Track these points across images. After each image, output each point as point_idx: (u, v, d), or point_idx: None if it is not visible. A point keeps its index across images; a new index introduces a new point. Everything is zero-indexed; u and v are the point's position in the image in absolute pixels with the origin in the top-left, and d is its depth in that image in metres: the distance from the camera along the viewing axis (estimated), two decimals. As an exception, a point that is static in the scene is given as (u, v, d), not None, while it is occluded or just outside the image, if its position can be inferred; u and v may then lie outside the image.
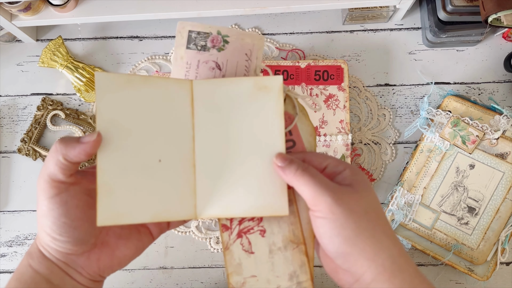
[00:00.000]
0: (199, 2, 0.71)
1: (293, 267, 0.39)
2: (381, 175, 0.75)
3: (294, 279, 0.39)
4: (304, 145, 0.41)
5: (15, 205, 0.76)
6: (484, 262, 0.68)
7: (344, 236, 0.35)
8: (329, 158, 0.39)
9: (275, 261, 0.39)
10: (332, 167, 0.38)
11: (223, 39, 0.41)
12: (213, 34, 0.41)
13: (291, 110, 0.41)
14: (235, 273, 0.39)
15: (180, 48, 0.41)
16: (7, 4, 0.68)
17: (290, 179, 0.37)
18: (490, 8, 0.61)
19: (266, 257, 0.39)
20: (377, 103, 0.77)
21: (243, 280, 0.39)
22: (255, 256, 0.39)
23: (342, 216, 0.35)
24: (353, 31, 0.80)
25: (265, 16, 0.80)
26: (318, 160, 0.39)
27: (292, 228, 0.40)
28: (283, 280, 0.39)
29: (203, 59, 0.41)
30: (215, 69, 0.42)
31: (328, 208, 0.35)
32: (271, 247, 0.39)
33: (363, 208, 0.36)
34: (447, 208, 0.69)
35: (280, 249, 0.39)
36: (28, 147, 0.75)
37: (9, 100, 0.79)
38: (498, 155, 0.70)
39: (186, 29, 0.41)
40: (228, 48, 0.41)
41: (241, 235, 0.40)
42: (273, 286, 0.39)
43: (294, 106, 0.41)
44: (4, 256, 0.74)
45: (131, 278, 0.73)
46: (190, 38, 0.41)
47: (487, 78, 0.77)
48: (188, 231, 0.74)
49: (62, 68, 0.77)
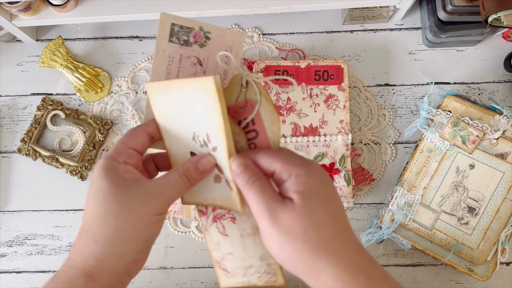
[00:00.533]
0: (199, 2, 0.71)
1: (262, 251, 0.42)
2: (381, 175, 0.75)
3: (264, 260, 0.42)
4: (267, 134, 0.40)
5: (15, 205, 0.76)
6: (484, 262, 0.68)
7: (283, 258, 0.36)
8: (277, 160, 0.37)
9: (246, 244, 0.42)
10: (279, 173, 0.37)
11: (205, 35, 0.41)
12: (196, 29, 0.41)
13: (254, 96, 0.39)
14: (215, 249, 0.43)
15: (163, 40, 0.41)
16: (7, 4, 0.68)
17: (241, 188, 0.37)
18: (490, 8, 0.61)
19: (238, 239, 0.42)
20: (377, 103, 0.77)
21: (222, 255, 0.43)
22: (229, 238, 0.43)
23: (278, 240, 0.35)
24: (353, 31, 0.80)
25: (265, 16, 0.80)
26: (267, 163, 0.37)
27: None
28: (255, 260, 0.42)
29: (185, 54, 0.42)
30: (197, 65, 0.42)
31: (266, 230, 0.35)
32: (242, 232, 0.42)
33: (301, 228, 0.35)
34: (447, 208, 0.69)
35: (250, 234, 0.42)
36: (28, 147, 0.75)
37: (9, 100, 0.79)
38: (498, 155, 0.70)
39: (168, 21, 0.41)
40: (209, 45, 0.42)
41: (215, 220, 0.43)
42: (247, 263, 0.42)
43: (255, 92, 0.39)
44: (4, 256, 0.74)
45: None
46: (173, 31, 0.41)
47: (487, 78, 0.77)
48: (188, 231, 0.74)
49: (62, 68, 0.77)
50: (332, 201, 0.36)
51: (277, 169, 0.37)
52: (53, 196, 0.76)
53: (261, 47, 0.79)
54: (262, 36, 0.80)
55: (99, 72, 0.78)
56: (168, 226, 0.74)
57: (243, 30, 0.80)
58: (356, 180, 0.74)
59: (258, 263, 0.42)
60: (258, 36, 0.80)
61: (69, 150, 0.76)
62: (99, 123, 0.76)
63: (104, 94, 0.78)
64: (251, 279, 0.43)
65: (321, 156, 0.72)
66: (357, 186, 0.74)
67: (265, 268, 0.42)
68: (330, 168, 0.71)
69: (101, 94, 0.78)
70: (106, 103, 0.78)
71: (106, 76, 0.79)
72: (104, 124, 0.76)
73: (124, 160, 0.38)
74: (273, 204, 0.35)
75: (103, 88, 0.78)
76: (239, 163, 0.37)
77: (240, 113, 0.40)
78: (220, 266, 0.44)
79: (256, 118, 0.40)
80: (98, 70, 0.78)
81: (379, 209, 0.74)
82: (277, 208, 0.35)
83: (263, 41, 0.79)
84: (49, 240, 0.74)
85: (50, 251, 0.74)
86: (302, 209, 0.35)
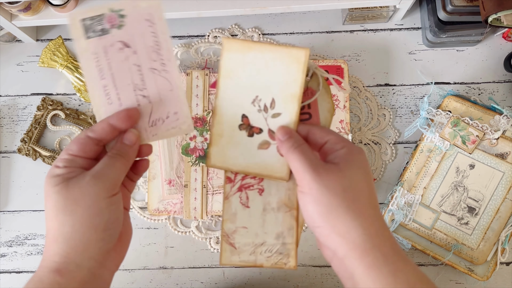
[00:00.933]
0: (199, 2, 0.71)
1: (281, 228, 0.43)
2: (381, 175, 0.75)
3: (280, 239, 0.43)
4: (320, 120, 0.43)
5: (15, 205, 0.76)
6: (484, 262, 0.68)
7: (318, 211, 0.38)
8: (332, 134, 0.41)
9: (266, 218, 0.43)
10: (331, 143, 0.40)
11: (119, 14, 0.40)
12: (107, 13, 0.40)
13: (316, 86, 0.43)
14: (229, 220, 0.43)
15: (80, 40, 0.40)
16: (7, 4, 0.68)
17: (284, 153, 0.40)
18: (490, 8, 0.61)
19: (259, 213, 0.43)
20: (377, 103, 0.77)
21: (235, 228, 0.43)
22: (250, 210, 0.43)
23: (318, 192, 0.38)
24: (353, 31, 0.80)
25: (265, 16, 0.80)
26: (320, 134, 0.41)
27: (289, 194, 0.43)
28: (270, 238, 0.43)
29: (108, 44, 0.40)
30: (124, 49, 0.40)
31: (307, 184, 0.38)
32: (266, 206, 0.43)
33: (341, 187, 0.38)
34: (447, 208, 0.69)
35: (274, 209, 0.43)
36: (28, 147, 0.75)
37: (9, 100, 0.79)
38: (498, 155, 0.70)
39: (77, 19, 0.39)
40: (127, 23, 0.40)
41: (241, 189, 0.43)
42: (260, 241, 0.43)
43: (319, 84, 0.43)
44: (4, 256, 0.74)
45: (131, 278, 0.73)
46: (86, 27, 0.39)
47: (487, 78, 0.77)
48: (188, 231, 0.74)
49: (62, 68, 0.77)
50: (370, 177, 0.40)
51: (331, 139, 0.40)
52: (53, 196, 0.76)
53: (261, 47, 0.79)
54: (262, 36, 0.80)
55: (99, 72, 0.78)
56: (168, 226, 0.74)
57: (243, 30, 0.80)
58: (356, 180, 0.74)
59: (272, 241, 0.43)
60: (258, 36, 0.80)
61: (69, 150, 0.76)
62: (99, 123, 0.76)
63: (104, 94, 0.78)
64: (258, 258, 0.43)
65: (321, 156, 0.72)
66: (357, 186, 0.74)
67: (278, 247, 0.43)
68: (330, 168, 0.71)
69: (101, 94, 0.78)
70: (106, 103, 0.78)
71: (106, 76, 0.79)
72: (104, 124, 0.76)
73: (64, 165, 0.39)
74: (316, 163, 0.39)
75: (103, 88, 0.78)
76: (284, 132, 0.41)
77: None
78: (228, 240, 0.43)
79: (313, 104, 0.43)
80: (98, 70, 0.78)
81: (379, 209, 0.74)
82: (319, 167, 0.38)
83: (263, 41, 0.79)
84: (49, 240, 0.74)
85: (50, 251, 0.74)
86: (346, 172, 0.38)
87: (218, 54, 0.79)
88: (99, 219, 0.38)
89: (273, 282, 0.73)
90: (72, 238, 0.37)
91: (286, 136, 0.40)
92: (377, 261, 0.37)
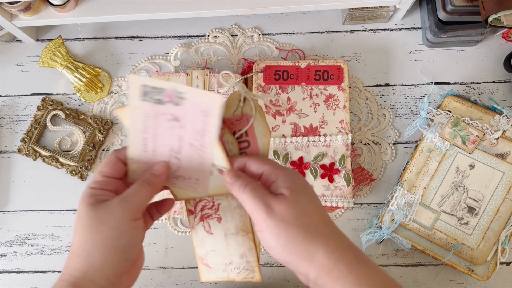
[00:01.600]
0: (199, 2, 0.71)
1: (243, 249, 0.48)
2: (381, 175, 0.75)
3: (244, 258, 0.48)
4: (258, 145, 0.45)
5: (15, 205, 0.76)
6: (484, 262, 0.68)
7: (281, 245, 0.40)
8: (266, 164, 0.43)
9: (229, 242, 0.48)
10: (267, 174, 0.42)
11: (179, 96, 0.41)
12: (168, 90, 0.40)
13: (250, 111, 0.44)
14: (199, 246, 0.49)
15: (135, 99, 0.41)
16: (7, 4, 0.68)
17: (235, 194, 0.42)
18: (490, 8, 0.61)
19: (222, 238, 0.48)
20: (377, 103, 0.77)
21: (206, 252, 0.49)
22: (214, 236, 0.48)
23: (275, 227, 0.39)
24: (353, 31, 0.80)
25: (265, 16, 0.80)
26: (256, 166, 0.43)
27: (243, 220, 0.48)
28: (236, 257, 0.48)
29: (160, 111, 0.41)
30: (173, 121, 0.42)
31: (263, 222, 0.40)
32: (226, 231, 0.48)
33: (294, 215, 0.40)
34: (447, 208, 0.69)
35: (233, 234, 0.48)
36: (28, 147, 0.75)
37: (9, 100, 0.79)
38: (498, 155, 0.70)
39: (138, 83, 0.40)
40: (184, 104, 0.41)
41: (203, 219, 0.48)
42: (228, 260, 0.48)
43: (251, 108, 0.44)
44: (4, 256, 0.74)
45: (131, 278, 0.73)
46: (145, 92, 0.41)
47: (487, 78, 0.77)
48: (188, 231, 0.74)
49: (62, 68, 0.77)
50: (314, 196, 0.43)
51: (266, 170, 0.42)
52: (53, 196, 0.76)
53: (261, 47, 0.79)
54: (262, 36, 0.80)
55: (99, 72, 0.78)
56: (168, 226, 0.74)
57: (243, 30, 0.80)
58: (356, 180, 0.74)
59: (238, 260, 0.48)
60: (258, 36, 0.80)
61: (69, 150, 0.76)
62: (99, 123, 0.76)
63: (104, 94, 0.78)
64: (230, 275, 0.49)
65: (321, 156, 0.71)
66: (357, 186, 0.74)
67: (244, 265, 0.48)
68: (330, 168, 0.71)
69: (101, 94, 0.78)
70: (106, 103, 0.78)
71: (106, 76, 0.79)
72: (104, 124, 0.76)
73: (100, 187, 0.42)
74: (266, 199, 0.40)
75: (103, 88, 0.78)
76: (232, 175, 0.42)
77: (235, 125, 0.45)
78: (203, 262, 0.49)
79: (250, 131, 0.44)
80: (98, 70, 0.78)
81: (379, 209, 0.74)
82: (270, 201, 0.40)
83: (263, 41, 0.79)
84: (49, 240, 0.74)
85: (50, 251, 0.74)
86: (293, 200, 0.40)
87: (218, 54, 0.79)
88: (119, 241, 0.40)
89: (273, 282, 0.73)
90: (92, 255, 0.40)
91: (233, 178, 0.42)
92: (341, 274, 0.39)
